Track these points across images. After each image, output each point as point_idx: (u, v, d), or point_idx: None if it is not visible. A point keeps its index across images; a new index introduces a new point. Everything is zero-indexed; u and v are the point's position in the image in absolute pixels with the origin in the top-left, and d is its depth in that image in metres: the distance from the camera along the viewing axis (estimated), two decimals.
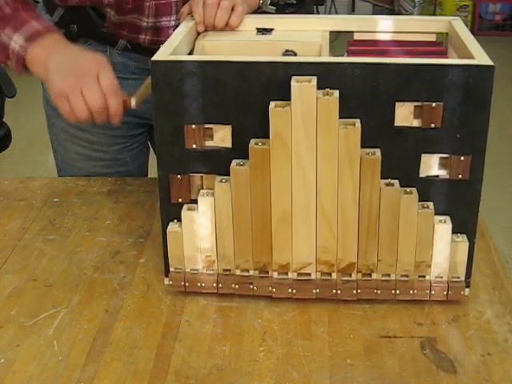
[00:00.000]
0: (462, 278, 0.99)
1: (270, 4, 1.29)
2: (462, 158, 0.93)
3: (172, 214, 0.99)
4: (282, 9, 4.07)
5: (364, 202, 0.94)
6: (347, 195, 0.93)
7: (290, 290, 0.99)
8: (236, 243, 0.98)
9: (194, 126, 0.94)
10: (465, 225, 0.97)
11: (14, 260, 1.11)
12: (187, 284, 1.00)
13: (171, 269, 1.01)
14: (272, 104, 0.90)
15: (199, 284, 1.00)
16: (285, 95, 0.90)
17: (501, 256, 1.10)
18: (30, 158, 3.32)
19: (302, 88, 0.88)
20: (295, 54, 1.08)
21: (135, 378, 0.87)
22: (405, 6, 5.37)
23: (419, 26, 1.12)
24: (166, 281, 1.02)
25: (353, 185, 0.93)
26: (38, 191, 1.31)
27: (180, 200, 0.99)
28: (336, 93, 0.89)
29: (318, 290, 0.99)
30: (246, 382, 0.87)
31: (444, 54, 1.07)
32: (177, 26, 1.26)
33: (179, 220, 0.98)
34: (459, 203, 0.96)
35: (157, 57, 0.94)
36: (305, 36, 1.11)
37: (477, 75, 0.89)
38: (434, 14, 5.22)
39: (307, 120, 0.90)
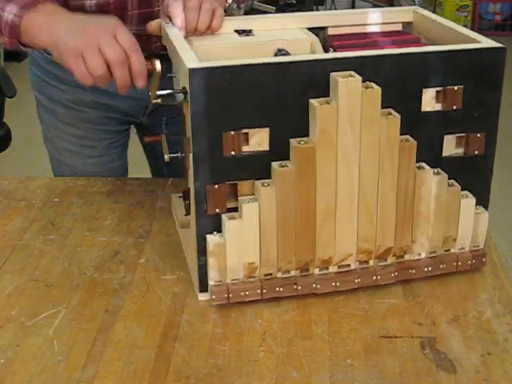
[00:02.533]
0: (482, 246, 1.04)
1: (269, 4, 1.29)
2: (478, 135, 1.00)
3: (207, 226, 0.96)
4: (282, 9, 4.07)
5: (401, 187, 0.97)
6: (387, 182, 0.96)
7: (333, 284, 0.99)
8: (279, 245, 0.97)
9: (232, 133, 0.92)
10: (480, 197, 1.03)
11: (13, 260, 1.11)
12: (230, 295, 0.98)
13: (210, 282, 0.98)
14: (314, 102, 0.91)
15: (242, 293, 0.98)
16: (320, 92, 0.92)
17: (501, 256, 1.10)
18: (29, 158, 3.31)
19: (349, 83, 0.90)
20: (288, 53, 1.08)
21: (135, 378, 0.87)
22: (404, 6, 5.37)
23: (385, 17, 1.18)
24: (202, 296, 0.99)
25: (392, 172, 0.96)
26: (38, 191, 1.31)
27: (217, 210, 0.95)
28: (375, 85, 0.92)
29: (359, 280, 1.00)
30: (245, 382, 0.87)
31: (419, 42, 1.13)
32: None
33: (214, 231, 0.96)
34: (475, 177, 1.02)
35: (191, 65, 0.89)
36: (290, 34, 1.12)
37: (492, 57, 0.96)
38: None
39: (353, 114, 0.91)
